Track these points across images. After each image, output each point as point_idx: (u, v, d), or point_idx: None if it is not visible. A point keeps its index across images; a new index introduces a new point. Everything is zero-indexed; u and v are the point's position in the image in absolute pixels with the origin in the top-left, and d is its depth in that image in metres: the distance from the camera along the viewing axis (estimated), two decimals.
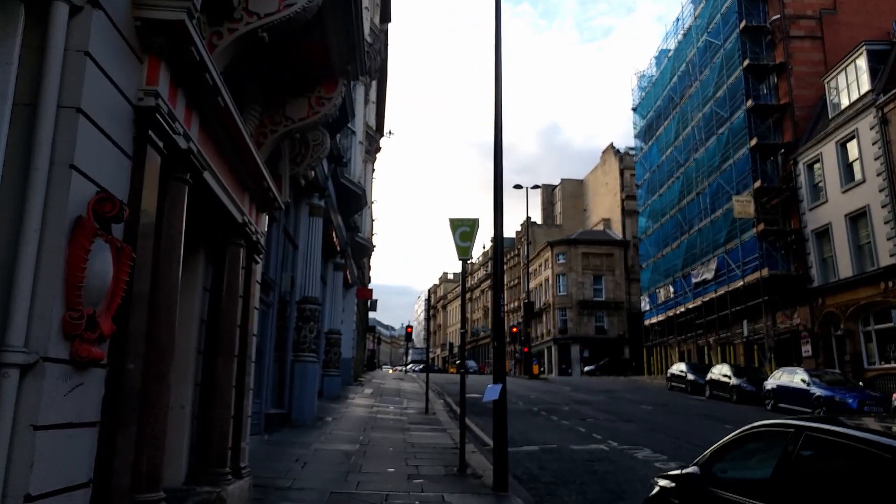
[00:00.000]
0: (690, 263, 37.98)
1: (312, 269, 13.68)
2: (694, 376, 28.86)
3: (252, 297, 7.03)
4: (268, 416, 11.14)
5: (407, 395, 22.95)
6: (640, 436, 13.44)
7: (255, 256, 7.05)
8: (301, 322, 13.31)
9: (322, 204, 13.93)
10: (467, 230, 9.32)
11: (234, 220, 6.18)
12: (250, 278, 6.91)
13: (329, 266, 19.31)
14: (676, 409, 20.21)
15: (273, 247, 11.45)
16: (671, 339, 41.82)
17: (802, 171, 28.24)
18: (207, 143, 5.24)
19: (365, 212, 22.90)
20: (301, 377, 13.04)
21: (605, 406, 20.38)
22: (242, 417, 6.64)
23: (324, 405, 16.20)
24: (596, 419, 16.55)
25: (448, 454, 10.30)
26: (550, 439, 12.69)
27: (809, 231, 27.65)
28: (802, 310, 28.05)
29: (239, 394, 6.64)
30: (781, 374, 20.70)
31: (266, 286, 10.72)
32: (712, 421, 16.68)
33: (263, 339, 11.12)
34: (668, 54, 42.84)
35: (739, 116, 31.46)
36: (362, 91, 17.27)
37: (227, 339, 6.19)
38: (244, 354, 6.79)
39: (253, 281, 7.06)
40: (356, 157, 16.93)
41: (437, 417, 16.02)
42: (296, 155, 7.81)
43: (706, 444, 10.77)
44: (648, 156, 45.96)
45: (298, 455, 9.57)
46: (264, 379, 11.03)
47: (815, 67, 30.09)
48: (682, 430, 14.61)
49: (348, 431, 12.37)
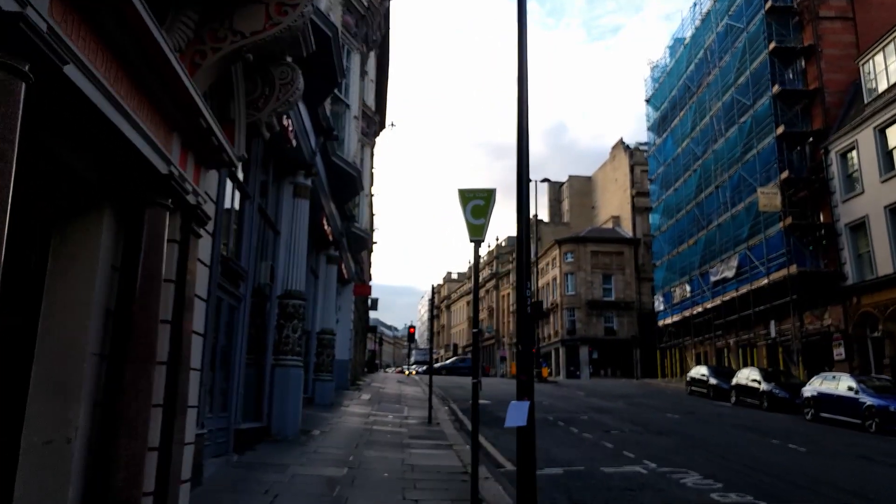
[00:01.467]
0: (709, 261, 35.98)
1: (297, 259, 11.80)
2: (717, 381, 26.94)
3: (191, 282, 5.14)
4: (239, 433, 9.26)
5: (408, 401, 21.05)
6: (678, 453, 11.51)
7: (195, 227, 5.16)
8: (283, 320, 11.43)
9: (309, 184, 12.06)
10: (481, 204, 7.43)
11: (154, 169, 4.30)
12: (187, 256, 5.02)
13: (321, 258, 17.43)
14: (706, 418, 18.26)
15: (246, 229, 9.58)
16: (687, 340, 39.82)
17: (834, 161, 26.24)
18: (98, 50, 3.42)
19: (362, 200, 21.01)
20: (283, 384, 11.16)
21: (626, 414, 18.45)
22: (173, 449, 4.75)
23: (313, 415, 14.31)
24: (621, 431, 14.62)
25: (456, 482, 8.41)
26: (575, 458, 10.78)
27: (843, 225, 25.64)
28: (834, 309, 26.04)
29: (168, 415, 4.76)
30: (822, 381, 18.72)
31: (233, 275, 8.84)
32: (754, 433, 14.73)
33: (233, 340, 9.25)
34: (684, 42, 40.85)
35: (764, 103, 29.46)
36: (357, 60, 15.40)
37: (144, 338, 4.31)
38: (178, 360, 4.90)
39: (192, 260, 5.18)
40: (351, 135, 15.07)
41: (442, 429, 14.12)
42: (257, 97, 5.92)
43: (760, 466, 8.73)
44: (662, 149, 43.97)
45: (270, 483, 7.68)
46: (234, 388, 9.16)
47: (847, 50, 28.12)
48: (724, 445, 12.67)
49: (337, 449, 10.47)
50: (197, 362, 5.65)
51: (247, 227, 9.59)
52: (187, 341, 5.04)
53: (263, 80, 5.96)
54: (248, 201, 9.66)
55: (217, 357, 8.41)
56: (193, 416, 5.60)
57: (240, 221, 9.51)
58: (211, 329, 7.75)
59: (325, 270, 17.68)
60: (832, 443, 13.59)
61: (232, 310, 9.16)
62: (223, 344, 8.86)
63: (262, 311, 11.33)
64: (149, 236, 4.38)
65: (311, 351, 17.08)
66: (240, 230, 9.51)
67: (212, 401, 8.29)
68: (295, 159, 11.46)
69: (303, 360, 15.09)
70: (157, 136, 4.30)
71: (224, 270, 8.41)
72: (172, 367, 4.83)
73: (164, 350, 4.76)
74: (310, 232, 14.45)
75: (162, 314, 4.62)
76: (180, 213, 4.95)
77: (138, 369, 4.18)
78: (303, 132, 11.19)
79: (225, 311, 8.69)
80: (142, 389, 4.17)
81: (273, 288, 11.49)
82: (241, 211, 9.55)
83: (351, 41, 14.97)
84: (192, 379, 5.33)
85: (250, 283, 9.74)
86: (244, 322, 9.54)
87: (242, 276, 9.29)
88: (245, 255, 9.55)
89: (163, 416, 4.68)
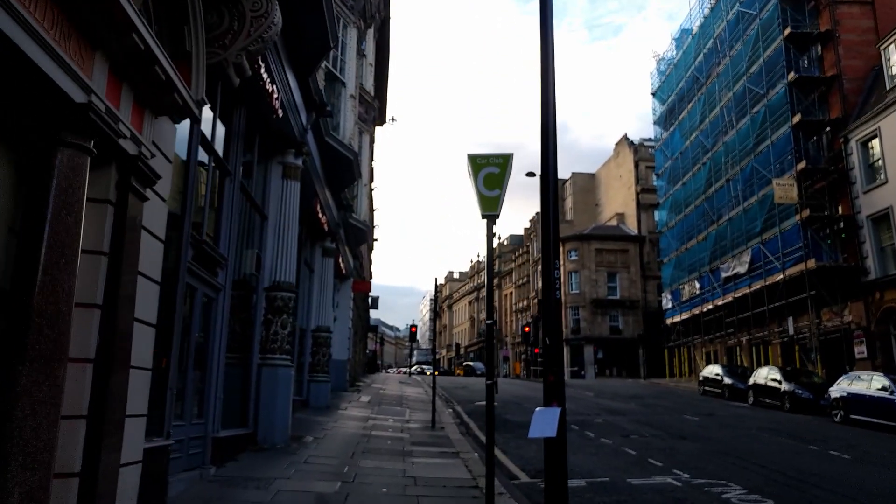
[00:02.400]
0: (719, 257, 34.82)
1: (287, 247, 10.65)
2: (731, 380, 25.80)
3: (132, 255, 3.99)
4: (218, 442, 8.11)
5: (410, 402, 19.89)
6: (709, 461, 10.36)
7: (138, 185, 4.01)
8: (271, 314, 10.28)
9: (300, 164, 10.91)
10: (495, 172, 6.28)
11: (65, 97, 3.16)
12: (124, 221, 3.87)
13: (317, 250, 16.28)
14: (727, 420, 17.09)
15: (225, 209, 8.43)
16: (696, 339, 38.64)
17: (855, 150, 25.06)
18: None
19: (361, 190, 19.84)
20: (270, 385, 10.01)
21: (642, 417, 17.30)
22: (99, 475, 3.60)
23: (306, 419, 13.18)
24: (641, 435, 13.48)
25: (465, 498, 7.27)
26: (596, 468, 9.64)
27: (864, 217, 24.47)
28: (855, 306, 24.86)
29: (95, 429, 3.61)
30: (851, 380, 17.54)
31: (209, 261, 7.70)
32: (785, 438, 13.56)
33: (210, 336, 8.11)
34: (692, 33, 39.69)
35: (779, 92, 28.30)
36: (354, 35, 14.23)
37: (48, 328, 3.16)
38: (111, 357, 3.75)
39: (135, 228, 4.03)
40: (346, 114, 13.90)
41: (446, 434, 12.98)
42: (224, 32, 4.79)
43: (807, 477, 7.51)
44: (670, 142, 42.78)
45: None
46: (211, 390, 8.01)
47: (866, 35, 26.96)
48: (758, 452, 11.51)
49: (331, 458, 9.33)
50: (146, 359, 4.51)
51: (227, 207, 8.44)
52: (126, 332, 3.90)
53: (231, 11, 4.83)
54: (228, 178, 8.52)
55: (190, 355, 7.27)
56: (140, 428, 4.46)
57: (219, 200, 8.37)
58: (180, 322, 6.61)
59: (321, 263, 16.53)
60: (874, 448, 12.43)
61: (209, 301, 8.02)
62: (198, 340, 7.72)
63: (248, 304, 10.19)
64: (60, 189, 3.24)
65: (305, 350, 15.95)
66: (219, 211, 8.36)
67: (183, 406, 7.15)
68: (283, 135, 10.32)
69: (294, 360, 13.99)
70: (70, 53, 3.16)
71: (197, 255, 7.27)
72: (103, 365, 3.69)
73: (90, 344, 3.62)
74: (303, 220, 13.33)
75: (84, 296, 3.49)
76: (115, 166, 3.80)
77: (38, 371, 3.03)
78: (292, 106, 10.05)
79: (199, 302, 7.55)
80: (41, 399, 3.02)
81: (260, 279, 10.35)
82: (221, 189, 8.41)
83: (347, 14, 13.83)
84: (135, 380, 4.19)
85: (230, 271, 8.59)
86: (224, 315, 8.39)
87: (221, 263, 8.14)
88: (225, 240, 8.40)
89: (87, 430, 3.53)
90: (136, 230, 4.07)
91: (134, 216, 3.98)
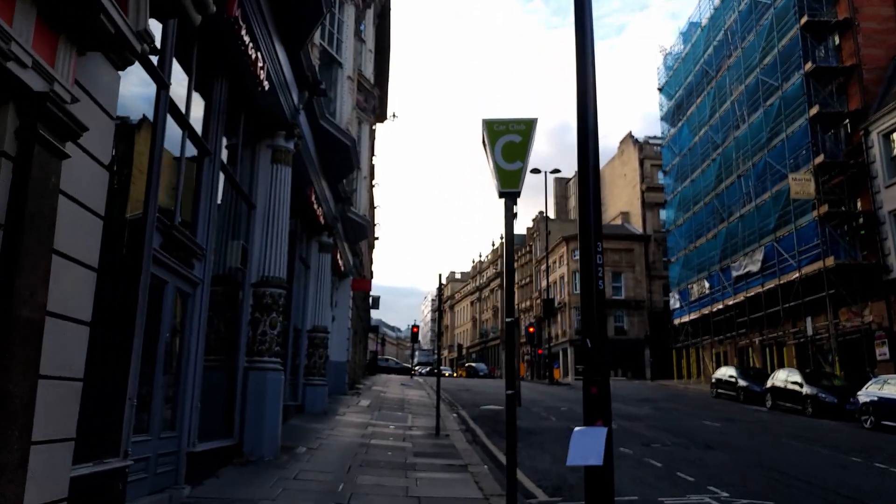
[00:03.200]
0: (730, 255, 33.78)
1: (277, 239, 9.64)
2: (747, 382, 24.75)
3: (43, 228, 2.98)
4: (195, 457, 7.09)
5: (412, 407, 18.87)
6: (745, 476, 9.33)
7: (51, 137, 3.00)
8: (259, 313, 9.27)
9: (291, 147, 9.90)
10: (516, 141, 5.26)
11: None
12: (27, 183, 2.86)
13: (313, 245, 15.26)
14: (751, 426, 16.06)
15: (204, 193, 7.41)
16: (705, 339, 37.59)
17: (876, 143, 24.03)
18: None
19: (360, 182, 18.82)
20: (258, 391, 9.00)
21: (659, 422, 16.28)
22: None
23: (300, 426, 12.17)
24: (662, 443, 12.46)
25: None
26: (622, 483, 8.59)
27: (886, 212, 23.46)
28: (876, 305, 23.84)
29: None
30: (881, 384, 16.50)
31: (183, 250, 6.69)
32: (821, 448, 12.53)
33: (185, 337, 7.10)
34: (701, 25, 38.65)
35: (795, 83, 27.27)
36: (352, 13, 13.23)
37: None
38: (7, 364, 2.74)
39: (49, 193, 3.02)
40: (344, 97, 12.91)
41: (452, 442, 11.96)
42: None
43: (864, 497, 6.65)
44: (677, 138, 41.74)
45: None
46: (186, 399, 6.99)
47: (886, 23, 25.97)
48: (796, 464, 10.48)
49: (324, 473, 8.31)
50: (73, 366, 3.49)
51: (205, 191, 7.43)
52: (31, 330, 2.89)
53: None
54: (207, 158, 7.51)
55: (158, 358, 6.26)
56: (64, 455, 3.44)
57: (197, 183, 7.36)
58: (143, 319, 5.61)
59: (317, 259, 15.51)
60: None
61: (183, 296, 7.01)
62: (169, 341, 6.71)
63: (233, 301, 9.19)
64: None
65: (300, 351, 14.95)
66: (196, 195, 7.35)
67: (149, 417, 6.14)
68: (272, 115, 9.31)
69: (288, 362, 12.98)
70: None
71: (168, 242, 6.27)
72: None
73: None
74: (297, 212, 12.33)
75: None
76: (14, 107, 2.79)
77: None
78: (280, 81, 9.05)
79: (170, 297, 6.53)
80: None
81: (247, 273, 9.35)
82: (199, 170, 7.41)
83: None
84: (52, 394, 3.17)
85: (209, 263, 7.58)
86: (202, 313, 7.37)
87: (197, 254, 7.13)
88: (202, 228, 7.39)
89: None
90: (51, 197, 3.06)
91: (45, 177, 2.98)
